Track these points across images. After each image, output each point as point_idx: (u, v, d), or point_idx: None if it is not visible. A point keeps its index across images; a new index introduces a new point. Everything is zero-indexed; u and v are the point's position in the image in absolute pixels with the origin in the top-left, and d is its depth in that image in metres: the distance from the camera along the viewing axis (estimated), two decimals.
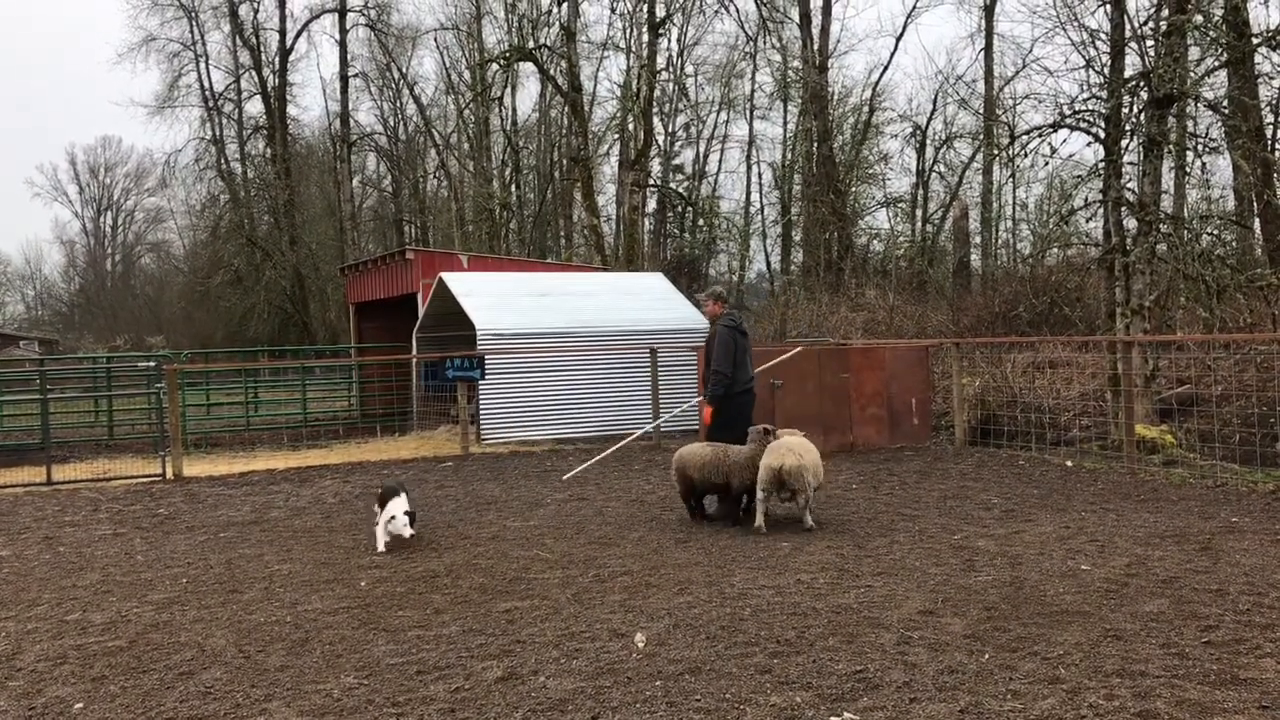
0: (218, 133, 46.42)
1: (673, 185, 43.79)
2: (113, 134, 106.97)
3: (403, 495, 9.00)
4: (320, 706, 5.22)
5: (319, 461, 15.52)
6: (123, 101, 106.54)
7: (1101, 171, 15.15)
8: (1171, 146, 15.55)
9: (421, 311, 19.68)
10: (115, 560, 8.92)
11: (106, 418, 21.39)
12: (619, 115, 39.74)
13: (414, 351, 19.79)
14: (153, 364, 19.03)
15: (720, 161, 49.52)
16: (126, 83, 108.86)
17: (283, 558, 8.79)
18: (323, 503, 11.72)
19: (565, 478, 12.46)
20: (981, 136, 32.50)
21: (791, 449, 9.13)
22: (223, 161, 46.79)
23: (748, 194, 46.17)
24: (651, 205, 41.22)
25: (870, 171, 38.22)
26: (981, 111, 33.27)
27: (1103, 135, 14.97)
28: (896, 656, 5.66)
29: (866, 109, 37.88)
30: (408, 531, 8.72)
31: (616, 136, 40.90)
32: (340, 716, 5.08)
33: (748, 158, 45.72)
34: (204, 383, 25.45)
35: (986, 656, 5.61)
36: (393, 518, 8.77)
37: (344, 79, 44.74)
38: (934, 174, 37.27)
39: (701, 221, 43.15)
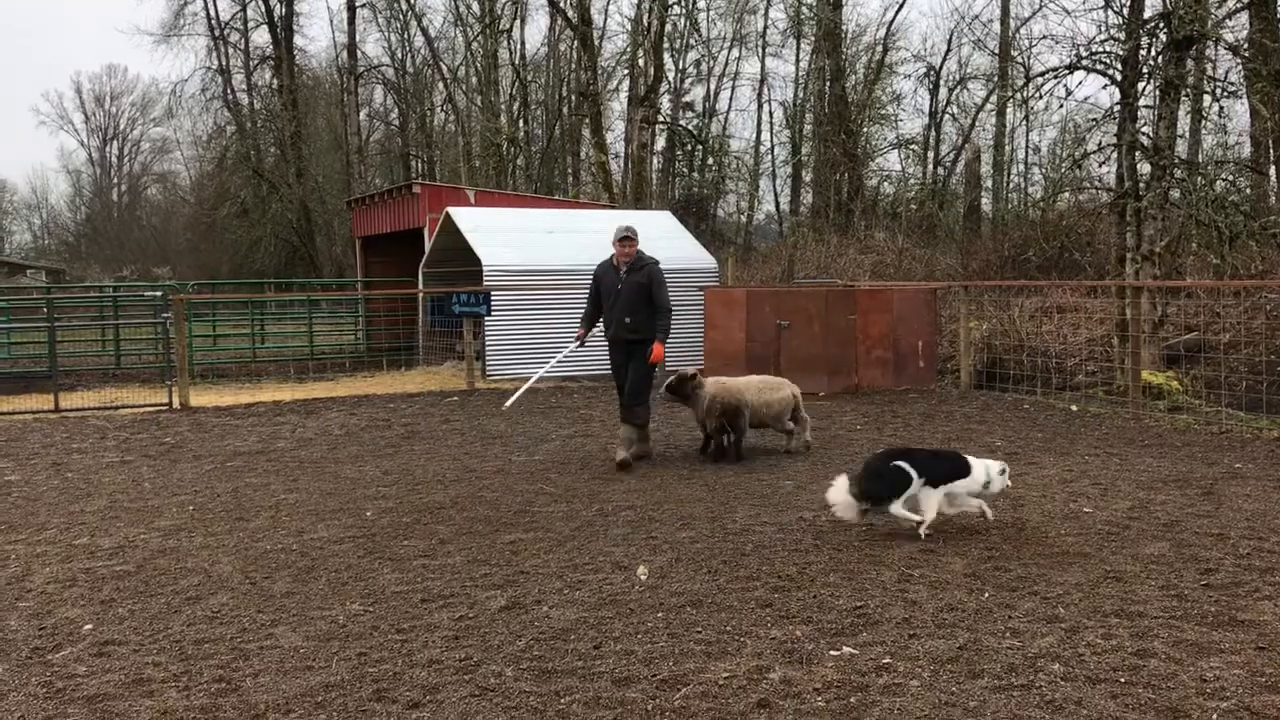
0: (224, 63, 45.91)
1: (682, 123, 43.37)
2: (118, 62, 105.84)
3: None
4: (326, 632, 5.28)
5: (325, 394, 15.58)
6: (128, 29, 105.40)
7: (1116, 115, 14.97)
8: (1189, 90, 15.33)
9: (428, 246, 19.60)
10: (122, 487, 8.99)
11: (114, 347, 21.43)
12: (629, 50, 39.21)
13: (420, 286, 19.75)
14: (160, 294, 19.02)
15: (731, 100, 48.81)
16: (132, 10, 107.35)
17: (289, 487, 8.85)
18: (329, 434, 11.77)
19: (504, 407, 12.30)
20: (996, 78, 32.13)
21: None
22: (229, 92, 46.33)
23: (758, 133, 45.71)
24: (660, 143, 40.88)
25: (882, 112, 37.81)
26: (997, 52, 32.86)
27: (1119, 78, 14.76)
28: (897, 593, 5.71)
29: (880, 48, 37.38)
30: None
31: (626, 72, 40.42)
32: (345, 642, 5.14)
33: (759, 96, 45.19)
34: (210, 314, 25.45)
35: (986, 595, 5.65)
36: None
37: (351, 9, 44.14)
38: (947, 116, 36.88)
39: (711, 160, 42.78)
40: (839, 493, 6.85)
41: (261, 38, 45.66)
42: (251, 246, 42.41)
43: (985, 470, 6.89)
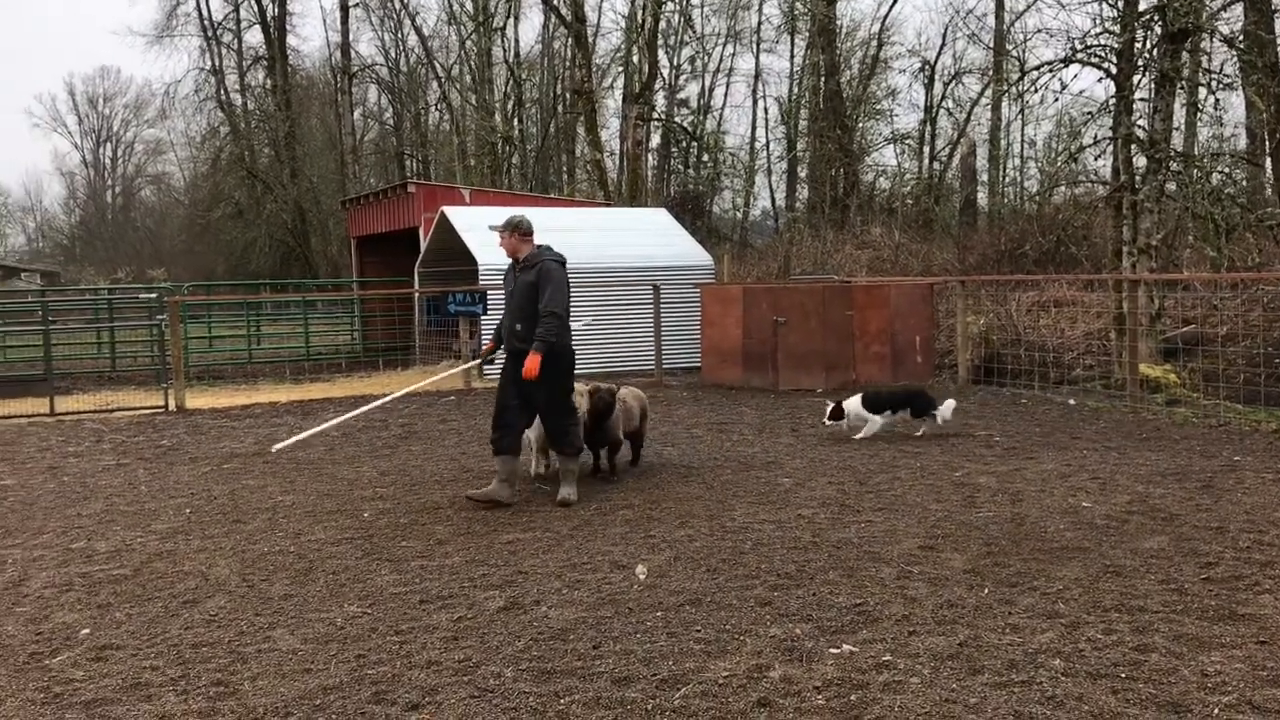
0: (217, 63, 45.90)
1: (677, 120, 43.35)
2: (111, 64, 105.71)
3: None
4: (324, 634, 5.26)
5: (321, 395, 15.55)
6: (120, 30, 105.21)
7: (1112, 108, 14.96)
8: (1184, 82, 15.34)
9: (423, 246, 19.57)
10: (119, 490, 8.96)
11: (109, 350, 21.40)
12: (623, 47, 39.21)
13: (416, 286, 19.72)
14: (155, 296, 18.98)
15: (726, 96, 48.86)
16: (124, 10, 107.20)
17: (286, 489, 8.82)
18: (326, 435, 11.73)
19: (275, 449, 9.92)
20: (991, 72, 32.10)
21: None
22: (222, 93, 46.32)
23: (753, 129, 45.73)
24: (655, 140, 40.86)
25: (878, 107, 37.85)
26: (991, 46, 32.84)
27: (1114, 71, 14.75)
28: (896, 590, 5.70)
29: (875, 43, 37.40)
30: None
31: (621, 69, 40.40)
32: (344, 644, 5.12)
33: (754, 92, 45.23)
34: (206, 315, 25.41)
35: (986, 591, 5.64)
36: None
37: (344, 8, 44.10)
38: (942, 110, 36.84)
39: (706, 157, 42.77)
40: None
41: (254, 38, 45.69)
42: (247, 247, 42.40)
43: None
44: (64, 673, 4.87)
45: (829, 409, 10.51)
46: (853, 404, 10.47)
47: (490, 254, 16.92)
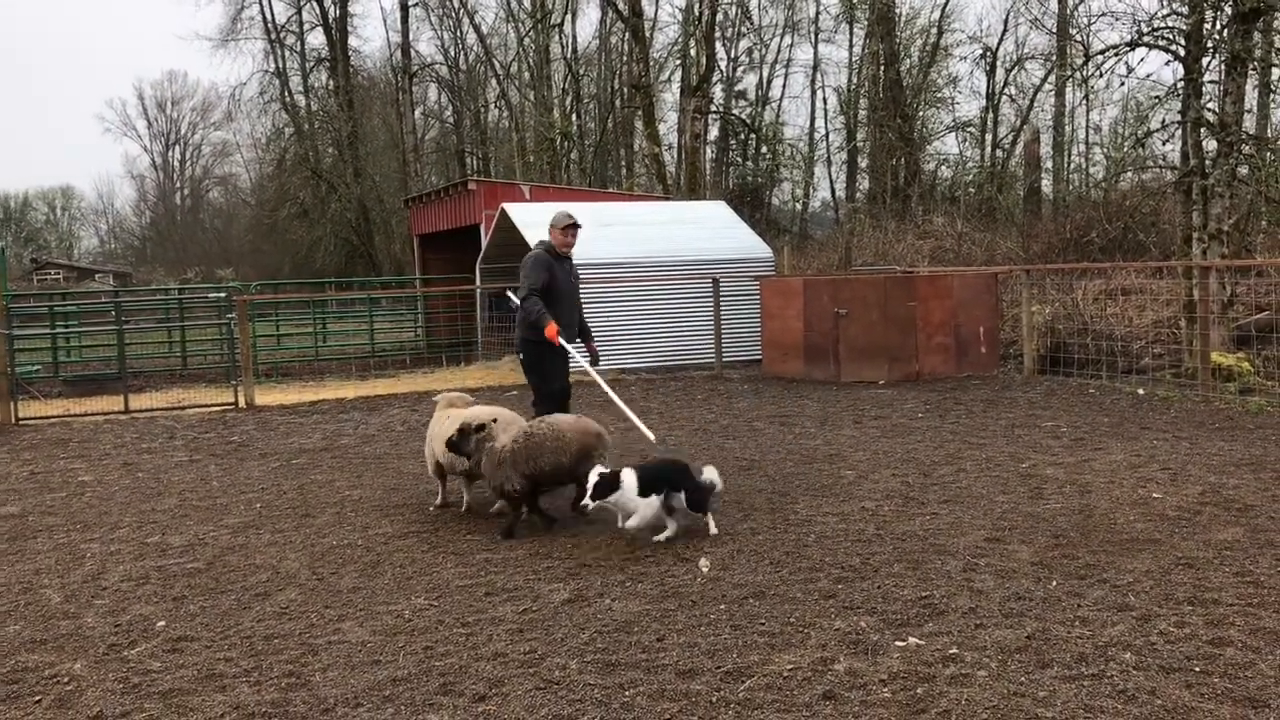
0: (281, 65, 46.66)
1: (735, 112, 43.18)
2: (178, 68, 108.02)
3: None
4: (392, 626, 5.35)
5: (386, 391, 15.75)
6: (187, 35, 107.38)
7: (1180, 91, 14.62)
8: (1256, 63, 14.92)
9: (484, 242, 19.73)
10: (191, 486, 9.17)
11: (180, 348, 21.87)
12: (680, 40, 39.14)
13: (477, 282, 19.89)
14: (224, 295, 19.36)
15: (784, 87, 48.77)
16: (190, 16, 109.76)
17: (353, 484, 8.96)
18: (391, 430, 11.90)
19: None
20: (1054, 57, 31.54)
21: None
22: (286, 94, 47.06)
23: (812, 120, 45.52)
24: (714, 133, 40.76)
25: (938, 95, 37.35)
26: (1055, 31, 32.24)
27: (1182, 53, 14.41)
28: (962, 583, 5.64)
29: (935, 30, 36.89)
30: None
31: (678, 62, 40.33)
32: (412, 636, 5.19)
33: (812, 82, 44.92)
34: (273, 314, 25.86)
35: (1054, 583, 5.56)
36: None
37: (404, 8, 44.58)
38: (1004, 97, 36.27)
39: (765, 149, 42.55)
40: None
41: (317, 39, 46.36)
42: (312, 246, 43.03)
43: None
44: (142, 664, 5.00)
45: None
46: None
47: None
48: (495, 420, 7.31)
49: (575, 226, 8.80)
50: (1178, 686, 4.25)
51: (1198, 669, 4.41)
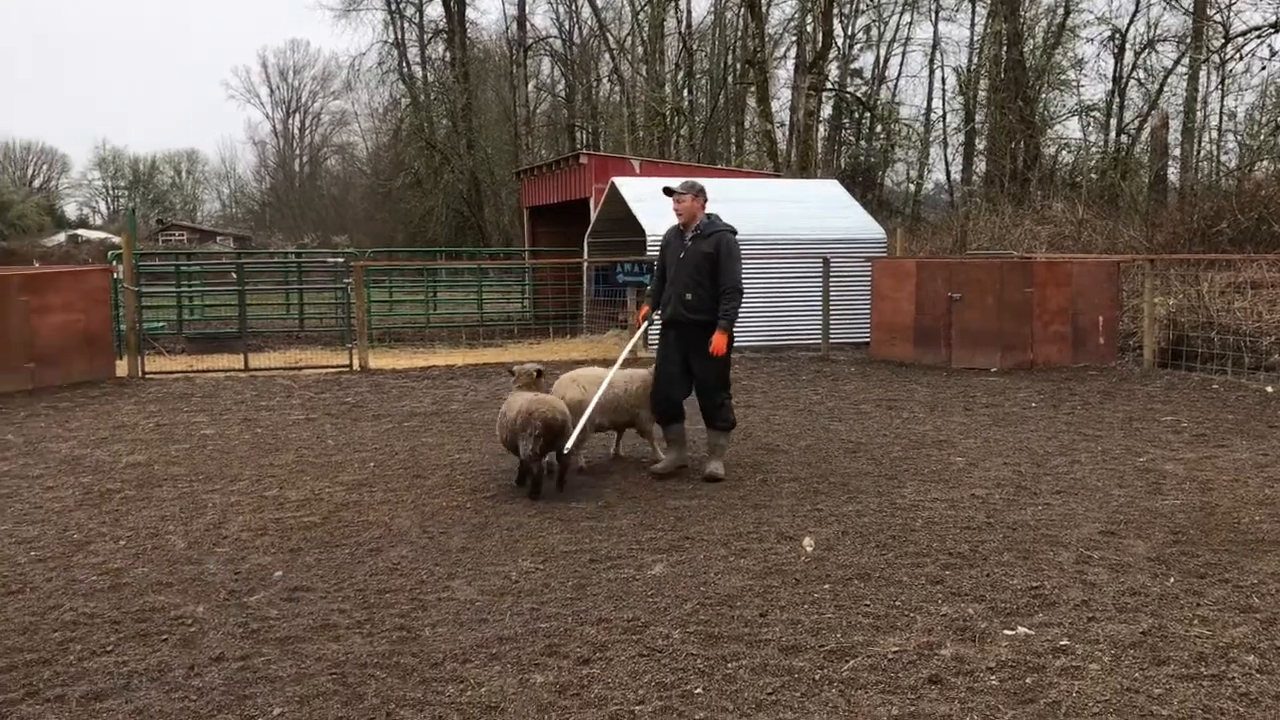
0: (400, 36, 47.41)
1: (850, 90, 42.51)
2: (301, 37, 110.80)
3: None
4: (499, 587, 5.45)
5: (494, 359, 15.98)
6: (311, 4, 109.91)
7: None
8: None
9: (593, 216, 19.82)
10: (308, 443, 9.45)
11: (298, 310, 22.50)
12: (797, 16, 38.62)
13: (585, 256, 20.01)
14: (342, 261, 19.85)
15: (901, 66, 47.78)
16: None
17: (462, 447, 9.13)
18: (500, 398, 12.03)
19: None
20: (1189, 39, 30.30)
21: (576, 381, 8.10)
22: (404, 65, 47.84)
23: (929, 100, 44.50)
24: (827, 111, 40.18)
25: (1062, 78, 36.19)
26: (1191, 11, 30.94)
27: None
28: (1075, 575, 5.51)
29: (1061, 10, 35.71)
30: None
31: (794, 39, 39.84)
32: (518, 598, 5.28)
33: (930, 62, 43.91)
34: (386, 281, 26.42)
35: (1172, 581, 5.40)
36: None
37: None
38: (1132, 81, 34.98)
39: (879, 128, 41.83)
40: None
41: (435, 11, 47.02)
42: (424, 216, 43.76)
43: None
44: (260, 610, 5.19)
45: None
46: None
47: (659, 225, 17.02)
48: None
49: (668, 192, 8.24)
50: None
51: None
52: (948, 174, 42.87)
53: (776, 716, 3.99)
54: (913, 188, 42.09)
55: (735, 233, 8.05)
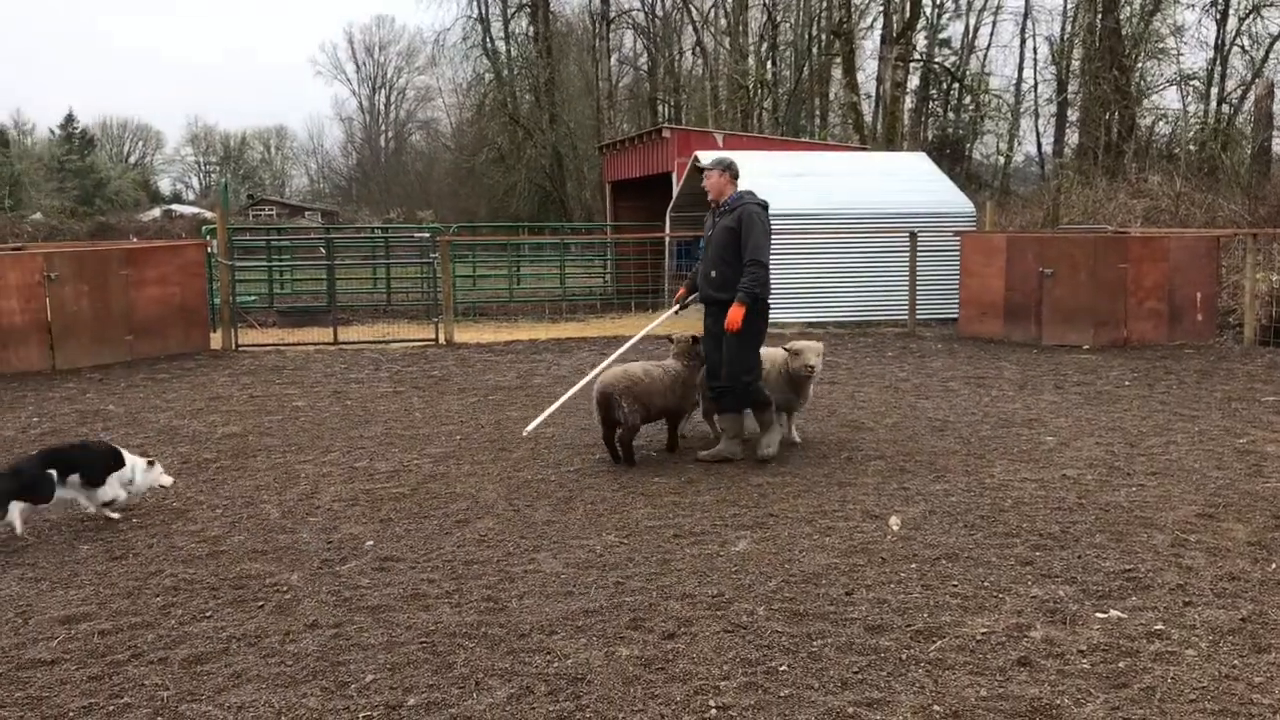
0: (484, 11, 47.63)
1: (939, 60, 41.68)
2: (386, 13, 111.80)
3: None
4: (584, 560, 5.50)
5: (576, 334, 16.07)
6: None
7: None
8: None
9: (676, 190, 19.77)
10: (396, 415, 9.62)
11: (385, 285, 22.87)
12: None
13: (667, 230, 19.98)
14: (428, 236, 20.11)
15: (991, 35, 46.68)
16: None
17: (546, 421, 9.19)
18: (582, 373, 12.11)
19: (526, 432, 8.69)
20: None
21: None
22: (488, 40, 48.07)
23: (1020, 70, 43.36)
24: (914, 82, 39.45)
25: (1160, 46, 34.97)
26: None
27: None
28: (1170, 558, 5.38)
29: None
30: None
31: (881, 9, 39.07)
32: (603, 571, 5.33)
33: (1022, 31, 42.99)
34: (470, 255, 26.69)
35: (1274, 566, 5.24)
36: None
37: None
38: (1235, 48, 33.67)
39: (968, 99, 40.96)
40: None
41: None
42: (507, 191, 44.07)
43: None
44: (352, 579, 5.31)
45: None
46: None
47: None
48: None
49: (698, 170, 8.03)
50: None
51: None
52: (1039, 146, 41.89)
53: (862, 695, 3.97)
54: (1002, 160, 41.17)
55: (765, 206, 7.65)
